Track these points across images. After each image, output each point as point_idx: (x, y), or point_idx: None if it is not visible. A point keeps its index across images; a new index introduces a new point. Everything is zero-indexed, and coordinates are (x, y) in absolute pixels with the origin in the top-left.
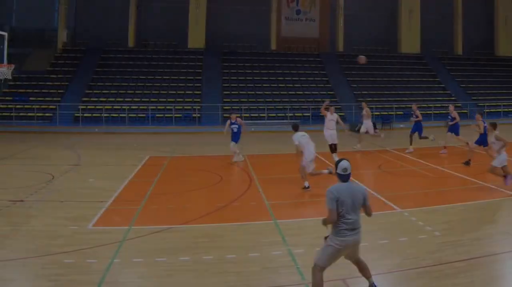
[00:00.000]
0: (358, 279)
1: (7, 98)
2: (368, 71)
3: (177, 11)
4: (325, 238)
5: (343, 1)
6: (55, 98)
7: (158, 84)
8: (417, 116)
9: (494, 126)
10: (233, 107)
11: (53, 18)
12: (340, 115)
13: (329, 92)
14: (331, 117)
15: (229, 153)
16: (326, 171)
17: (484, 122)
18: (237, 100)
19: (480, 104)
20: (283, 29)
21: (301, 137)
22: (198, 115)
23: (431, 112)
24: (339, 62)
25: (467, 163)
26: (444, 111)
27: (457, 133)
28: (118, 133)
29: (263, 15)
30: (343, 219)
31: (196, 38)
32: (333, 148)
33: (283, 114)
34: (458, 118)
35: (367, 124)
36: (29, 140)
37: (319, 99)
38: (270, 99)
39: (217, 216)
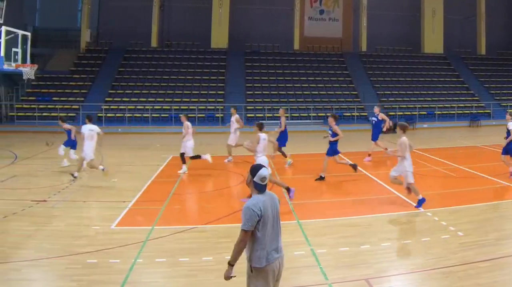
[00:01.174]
0: (381, 279)
1: (30, 98)
2: (391, 72)
3: (200, 11)
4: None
5: (366, 1)
6: (78, 98)
7: (181, 85)
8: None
9: None
10: (256, 107)
11: (76, 18)
12: (363, 116)
13: (352, 92)
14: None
15: (252, 153)
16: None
17: None
18: (260, 100)
19: (503, 104)
20: (306, 29)
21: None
22: (221, 115)
23: (454, 112)
24: (362, 62)
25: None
26: (467, 111)
27: (375, 139)
28: (141, 133)
29: (286, 15)
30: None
31: (219, 38)
32: None
33: (306, 114)
34: (387, 120)
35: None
36: (52, 140)
37: (342, 99)
38: (293, 100)
39: (240, 216)
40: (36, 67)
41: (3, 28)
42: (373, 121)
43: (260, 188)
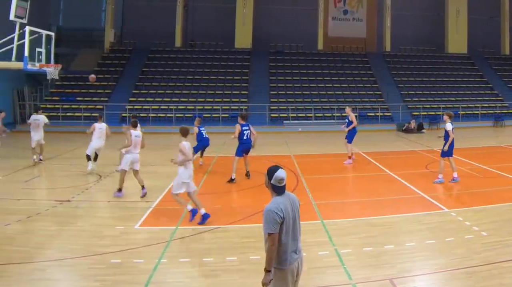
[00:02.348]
0: (405, 279)
1: (54, 98)
2: (415, 72)
3: (224, 12)
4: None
5: (390, 1)
6: (102, 98)
7: (205, 85)
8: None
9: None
10: (280, 107)
11: (100, 18)
12: (387, 116)
13: (376, 92)
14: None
15: (275, 153)
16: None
17: None
18: (284, 100)
19: None
20: (330, 29)
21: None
22: None
23: (478, 112)
24: (386, 62)
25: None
26: (491, 111)
27: (350, 141)
28: (165, 133)
29: (310, 15)
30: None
31: (243, 38)
32: None
33: (330, 115)
34: (355, 122)
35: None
36: (75, 140)
37: (366, 100)
38: (317, 100)
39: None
40: (60, 67)
41: (27, 28)
42: (347, 125)
43: (278, 190)
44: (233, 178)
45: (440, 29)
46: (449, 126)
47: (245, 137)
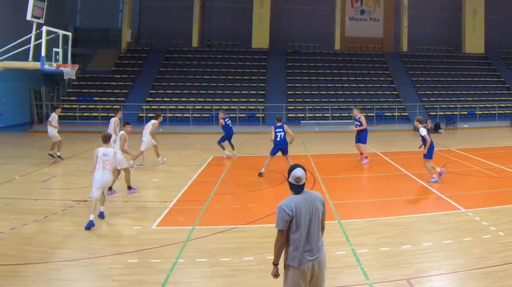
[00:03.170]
0: (422, 279)
1: (71, 98)
2: (432, 72)
3: (241, 12)
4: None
5: (407, 1)
6: (119, 98)
7: (222, 84)
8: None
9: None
10: (297, 107)
11: (117, 18)
12: (403, 116)
13: (393, 92)
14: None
15: (292, 153)
16: None
17: None
18: (301, 100)
19: None
20: (347, 29)
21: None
22: (262, 115)
23: (495, 112)
24: (403, 62)
25: None
26: (508, 111)
27: (364, 142)
28: (182, 133)
29: (327, 15)
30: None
31: (260, 38)
32: None
33: (347, 114)
34: (365, 124)
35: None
36: (92, 140)
37: (383, 100)
38: (334, 99)
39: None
40: (77, 67)
41: (44, 28)
42: (356, 126)
43: (294, 188)
44: (261, 171)
45: (457, 29)
46: (423, 131)
47: (278, 139)
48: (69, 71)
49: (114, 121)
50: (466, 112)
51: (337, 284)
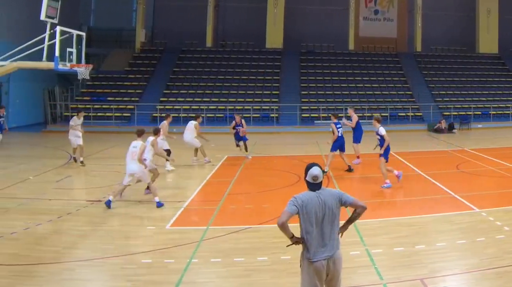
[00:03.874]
0: (436, 279)
1: (85, 98)
2: (446, 72)
3: (255, 11)
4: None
5: (421, 1)
6: (133, 99)
7: (236, 84)
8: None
9: None
10: (311, 107)
11: (131, 18)
12: (417, 116)
13: (406, 92)
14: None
15: (306, 153)
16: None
17: None
18: (315, 100)
19: None
20: (361, 29)
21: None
22: (276, 115)
23: (509, 112)
24: (417, 62)
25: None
26: None
27: (358, 141)
28: None
29: (341, 15)
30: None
31: (274, 38)
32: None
33: (361, 114)
34: (353, 124)
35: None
36: (106, 140)
37: (397, 100)
38: (348, 100)
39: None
40: (91, 67)
41: (58, 28)
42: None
43: (311, 187)
44: (326, 170)
45: (471, 29)
46: (382, 130)
47: (340, 134)
48: (83, 71)
49: (163, 124)
50: (480, 112)
51: (351, 284)
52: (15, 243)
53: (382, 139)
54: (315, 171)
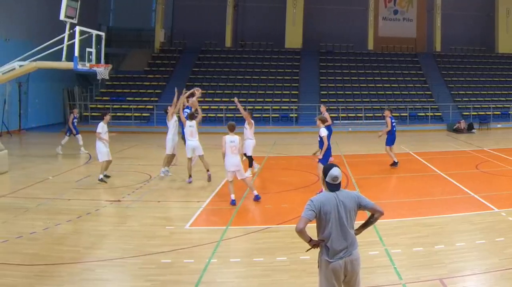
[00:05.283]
0: (455, 279)
1: (104, 98)
2: (465, 72)
3: (274, 12)
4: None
5: (440, 1)
6: (152, 98)
7: (255, 84)
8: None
9: None
10: (330, 107)
11: (150, 18)
12: (437, 116)
13: (426, 92)
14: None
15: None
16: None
17: None
18: (334, 100)
19: None
20: (380, 29)
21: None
22: (295, 115)
23: None
24: (436, 62)
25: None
26: None
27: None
28: (215, 133)
29: (360, 15)
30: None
31: (293, 38)
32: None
33: (380, 114)
34: (329, 120)
35: None
36: (126, 141)
37: (416, 100)
38: (367, 99)
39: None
40: (110, 67)
41: (77, 28)
42: None
43: (330, 187)
44: (396, 161)
45: (490, 29)
46: (323, 131)
47: (394, 129)
48: (102, 71)
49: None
50: (499, 112)
51: (370, 284)
52: (34, 243)
53: (321, 141)
54: (335, 171)
